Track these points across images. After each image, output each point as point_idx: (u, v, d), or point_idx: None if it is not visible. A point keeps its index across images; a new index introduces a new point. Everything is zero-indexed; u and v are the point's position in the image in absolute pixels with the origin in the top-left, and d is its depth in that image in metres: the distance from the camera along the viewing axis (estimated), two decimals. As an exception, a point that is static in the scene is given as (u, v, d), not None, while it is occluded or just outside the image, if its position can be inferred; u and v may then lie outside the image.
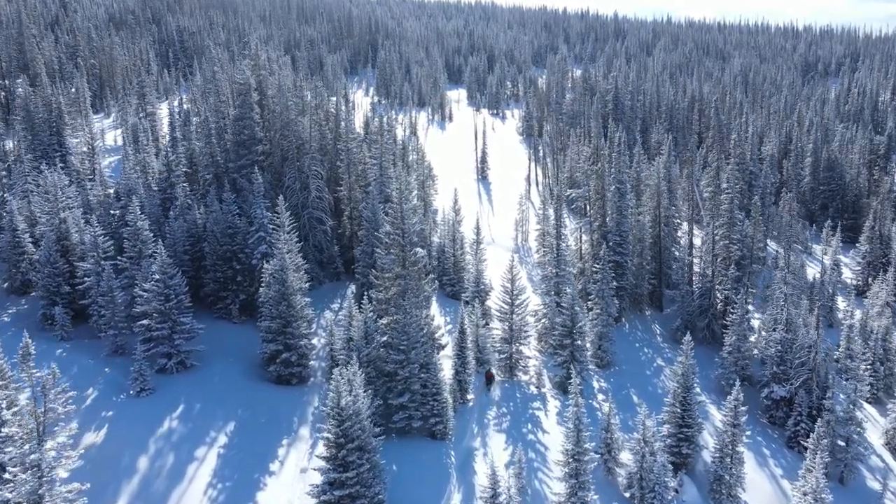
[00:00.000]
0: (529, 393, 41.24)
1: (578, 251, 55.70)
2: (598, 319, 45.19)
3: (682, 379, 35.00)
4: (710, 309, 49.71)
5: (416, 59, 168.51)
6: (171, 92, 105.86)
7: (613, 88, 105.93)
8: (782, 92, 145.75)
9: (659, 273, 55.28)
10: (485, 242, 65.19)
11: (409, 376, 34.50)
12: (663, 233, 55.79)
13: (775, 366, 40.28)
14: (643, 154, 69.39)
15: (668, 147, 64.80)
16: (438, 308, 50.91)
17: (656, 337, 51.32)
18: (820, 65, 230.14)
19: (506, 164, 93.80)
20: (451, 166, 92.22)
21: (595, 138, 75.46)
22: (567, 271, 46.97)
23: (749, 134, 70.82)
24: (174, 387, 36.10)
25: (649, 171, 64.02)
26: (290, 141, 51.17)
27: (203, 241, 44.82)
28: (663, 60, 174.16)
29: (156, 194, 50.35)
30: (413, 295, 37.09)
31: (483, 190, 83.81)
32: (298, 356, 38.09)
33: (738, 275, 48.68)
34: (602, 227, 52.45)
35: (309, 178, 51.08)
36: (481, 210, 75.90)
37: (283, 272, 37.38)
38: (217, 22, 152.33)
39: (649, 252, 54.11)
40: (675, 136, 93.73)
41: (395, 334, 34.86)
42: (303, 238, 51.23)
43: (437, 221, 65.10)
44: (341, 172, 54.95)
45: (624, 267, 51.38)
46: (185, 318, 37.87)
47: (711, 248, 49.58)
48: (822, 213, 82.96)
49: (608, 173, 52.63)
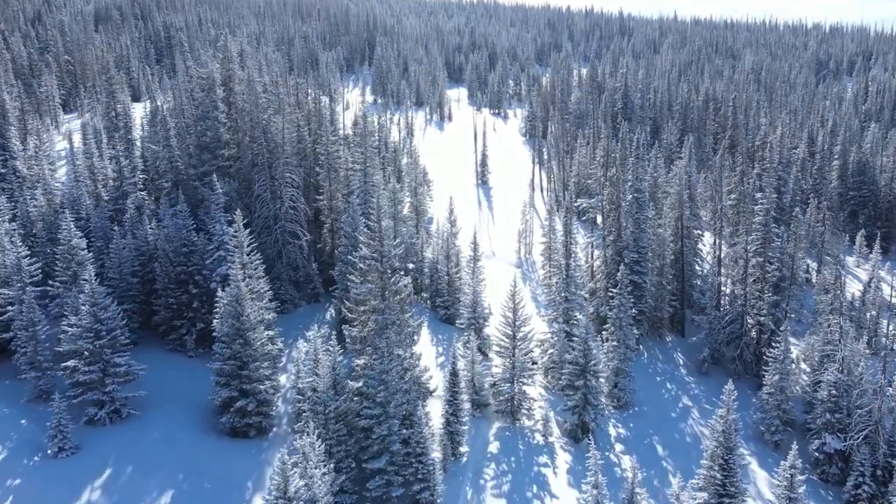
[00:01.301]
0: (535, 443, 34.77)
1: (590, 269, 49.21)
2: (615, 353, 38.70)
3: (722, 437, 28.47)
4: (741, 337, 43.17)
5: (416, 56, 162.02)
6: (154, 90, 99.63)
7: (623, 86, 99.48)
8: (797, 90, 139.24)
9: (681, 294, 48.77)
10: (484, 256, 58.82)
11: (387, 434, 28.09)
12: (686, 248, 49.29)
13: (829, 413, 33.75)
14: (660, 157, 62.93)
15: (688, 149, 58.23)
16: (430, 336, 44.51)
17: (679, 368, 44.79)
18: (832, 63, 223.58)
19: (508, 167, 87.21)
20: (449, 169, 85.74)
21: (605, 140, 68.94)
22: (578, 295, 40.53)
23: (778, 134, 64.29)
24: (103, 443, 29.74)
25: (668, 176, 57.55)
26: (261, 144, 44.76)
27: (154, 260, 38.47)
28: (672, 58, 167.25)
29: (106, 206, 44.02)
30: (395, 331, 30.69)
31: (483, 195, 77.28)
32: (257, 403, 31.70)
33: (776, 299, 42.10)
34: (617, 243, 45.96)
35: (282, 186, 44.69)
36: (480, 218, 69.40)
37: (239, 303, 30.97)
38: (207, 18, 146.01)
39: (670, 270, 47.60)
40: (691, 137, 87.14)
41: (370, 383, 28.45)
42: (275, 255, 44.95)
43: (431, 232, 58.83)
44: (321, 179, 48.61)
45: (642, 288, 44.89)
46: (120, 358, 31.47)
47: (744, 268, 43.03)
48: (852, 221, 76.26)
49: (623, 181, 46.13)
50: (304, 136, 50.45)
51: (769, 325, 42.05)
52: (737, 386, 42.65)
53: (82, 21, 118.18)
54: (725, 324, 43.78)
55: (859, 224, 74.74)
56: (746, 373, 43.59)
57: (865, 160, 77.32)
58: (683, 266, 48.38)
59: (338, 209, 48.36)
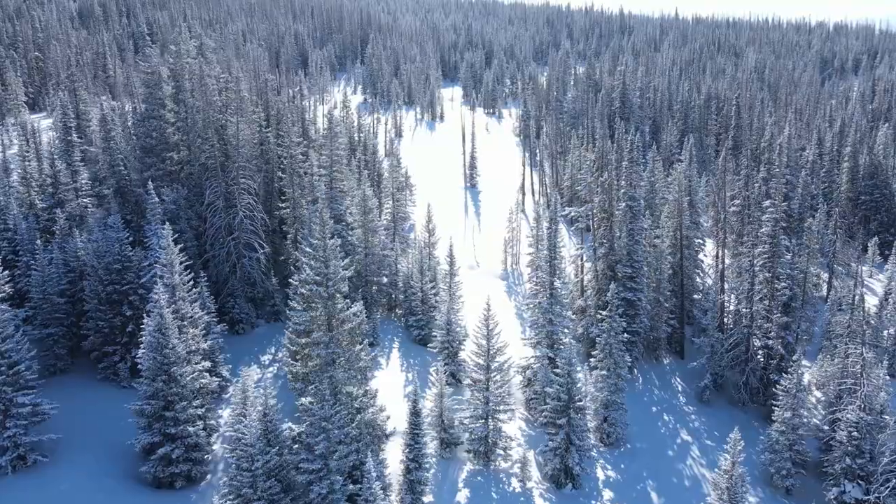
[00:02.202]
0: (510, 491, 30.30)
1: (580, 284, 44.74)
2: (605, 383, 34.23)
3: (727, 494, 24.03)
4: (747, 362, 38.67)
5: (410, 54, 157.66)
6: (132, 90, 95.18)
7: (621, 84, 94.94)
8: (802, 89, 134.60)
9: (680, 311, 44.30)
10: (467, 268, 54.48)
11: (328, 492, 23.68)
12: (686, 260, 44.84)
13: (849, 457, 29.26)
14: (658, 159, 58.46)
15: (689, 151, 53.75)
16: (400, 360, 40.09)
17: (678, 396, 40.30)
18: (837, 61, 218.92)
19: (499, 170, 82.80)
20: (436, 172, 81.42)
21: (600, 140, 64.45)
22: (563, 316, 36.06)
23: (786, 135, 59.70)
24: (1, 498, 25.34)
25: (667, 180, 53.10)
26: (213, 146, 40.36)
27: (84, 278, 34.08)
28: (672, 56, 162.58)
29: (42, 215, 39.67)
30: (344, 367, 26.24)
31: (470, 200, 72.82)
32: (185, 449, 27.24)
33: (787, 321, 37.57)
34: (610, 256, 41.48)
35: (237, 193, 40.28)
36: (466, 224, 64.98)
37: (162, 334, 26.53)
38: (193, 14, 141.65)
39: (668, 285, 43.12)
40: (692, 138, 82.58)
41: (309, 430, 24.03)
42: (229, 270, 40.55)
43: (410, 241, 54.45)
44: (285, 185, 44.22)
45: (637, 306, 40.43)
46: (25, 396, 27.06)
47: (750, 284, 38.52)
48: (863, 226, 71.71)
49: (617, 187, 41.65)
50: (267, 138, 46.11)
51: (779, 349, 37.55)
52: (742, 417, 38.38)
53: (57, 16, 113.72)
54: (729, 347, 39.30)
55: (871, 230, 70.22)
56: (752, 401, 39.15)
57: (878, 162, 72.78)
58: (683, 281, 43.92)
59: (303, 218, 43.95)
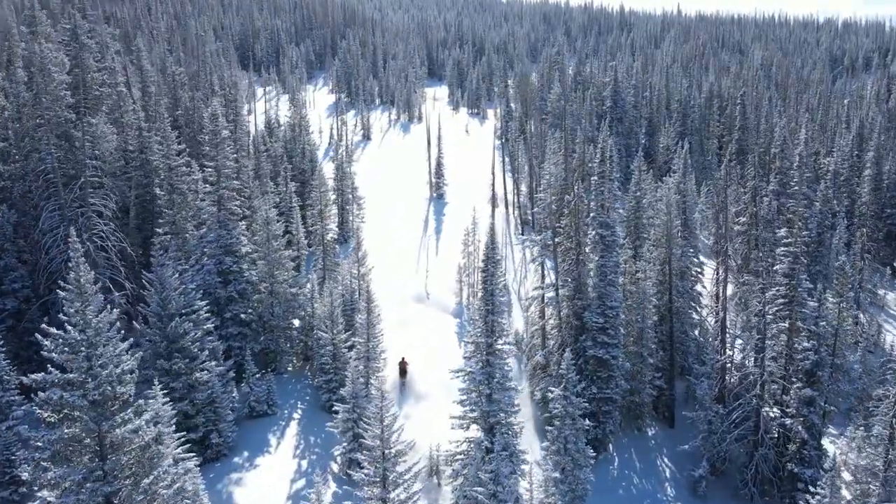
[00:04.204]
0: None
1: (541, 332, 34.97)
2: (558, 489, 24.51)
3: None
4: (757, 445, 28.91)
5: (393, 51, 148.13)
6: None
7: (612, 82, 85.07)
8: (812, 88, 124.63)
9: (670, 368, 34.54)
10: (415, 300, 44.95)
11: None
12: (678, 299, 35.09)
13: None
14: (646, 169, 48.83)
15: (683, 160, 43.91)
16: (298, 438, 30.51)
17: (664, 487, 30.51)
18: (847, 59, 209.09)
19: (473, 178, 72.83)
20: (401, 181, 71.83)
21: (581, 146, 54.76)
22: (508, 389, 26.37)
23: (802, 140, 49.85)
24: None
25: (655, 195, 43.45)
26: (51, 155, 30.81)
27: None
28: (673, 53, 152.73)
29: None
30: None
31: (434, 213, 63.09)
32: None
33: (811, 395, 27.67)
34: (576, 299, 31.73)
35: (82, 216, 30.72)
36: (422, 244, 55.26)
37: None
38: (157, 10, 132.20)
39: (653, 334, 33.38)
40: (691, 141, 72.83)
41: None
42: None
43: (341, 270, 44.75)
44: (164, 205, 34.62)
45: (611, 366, 30.73)
46: None
47: (760, 338, 28.74)
48: (888, 245, 61.93)
49: (585, 211, 31.95)
50: (149, 145, 36.58)
51: (800, 431, 27.78)
52: (750, 520, 28.74)
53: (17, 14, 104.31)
54: (732, 424, 29.54)
55: (898, 249, 60.53)
56: (763, 495, 29.42)
57: (905, 170, 62.81)
58: (672, 329, 34.13)
59: (190, 247, 34.40)
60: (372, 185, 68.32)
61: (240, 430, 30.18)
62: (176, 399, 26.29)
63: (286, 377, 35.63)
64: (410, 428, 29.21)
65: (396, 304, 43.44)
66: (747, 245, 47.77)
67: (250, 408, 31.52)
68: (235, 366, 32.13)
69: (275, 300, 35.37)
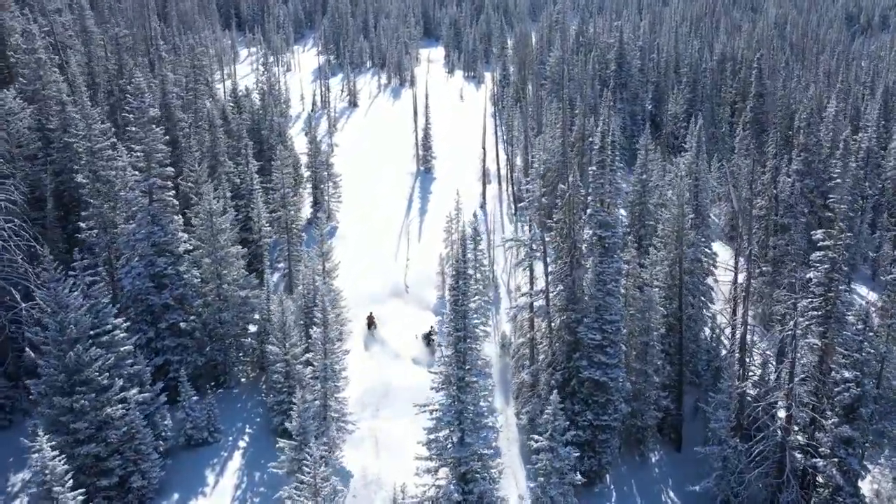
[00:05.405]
0: None
1: (530, 345, 30.23)
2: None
3: None
4: (780, 488, 24.36)
5: (386, 9, 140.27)
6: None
7: (617, 43, 78.70)
8: (829, 48, 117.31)
9: (678, 383, 29.88)
10: (393, 294, 40.30)
11: None
12: (688, 308, 30.24)
13: None
14: (654, 147, 43.52)
15: (696, 136, 38.31)
16: (239, 474, 26.10)
17: (670, 529, 26.24)
18: (863, 17, 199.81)
19: (466, 149, 67.14)
20: (390, 153, 66.20)
21: (580, 118, 49.32)
22: (483, 427, 21.78)
23: (830, 114, 44.17)
24: None
25: (663, 181, 38.21)
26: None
27: None
28: (682, 11, 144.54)
29: None
30: None
31: (419, 191, 57.77)
32: None
33: (850, 435, 22.97)
34: (570, 310, 26.89)
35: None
36: (403, 227, 50.19)
37: None
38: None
39: (658, 347, 28.64)
40: (702, 109, 67.06)
41: None
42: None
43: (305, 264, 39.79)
44: (87, 195, 29.58)
45: (609, 389, 26.07)
46: None
47: (791, 361, 23.96)
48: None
49: (581, 205, 26.85)
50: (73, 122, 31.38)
51: (834, 475, 23.18)
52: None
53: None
54: (752, 462, 24.97)
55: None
56: (787, 541, 25.03)
57: (937, 143, 57.07)
58: (682, 343, 29.35)
59: (118, 244, 29.50)
60: (355, 157, 63.02)
61: (173, 463, 25.81)
62: (81, 441, 21.78)
63: (237, 392, 31.12)
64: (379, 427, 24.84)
65: (370, 300, 38.74)
66: (765, 231, 42.70)
67: (187, 436, 27.07)
68: (170, 387, 27.56)
69: (223, 305, 30.62)
